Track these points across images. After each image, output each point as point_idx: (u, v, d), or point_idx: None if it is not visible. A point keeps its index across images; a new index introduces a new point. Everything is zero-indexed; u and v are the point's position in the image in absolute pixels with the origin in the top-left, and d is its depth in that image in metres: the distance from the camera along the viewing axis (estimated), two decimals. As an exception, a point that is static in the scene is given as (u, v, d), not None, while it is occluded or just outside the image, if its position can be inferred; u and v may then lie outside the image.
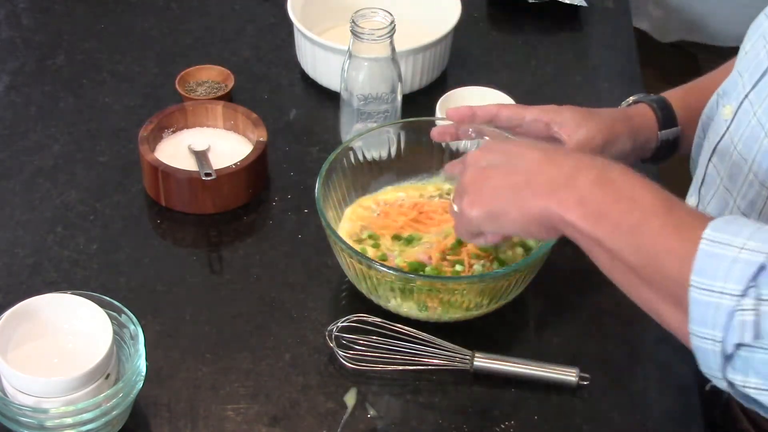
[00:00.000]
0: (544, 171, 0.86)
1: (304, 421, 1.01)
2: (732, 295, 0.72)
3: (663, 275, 0.77)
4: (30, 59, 1.47)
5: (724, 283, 0.72)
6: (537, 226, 0.86)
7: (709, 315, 0.73)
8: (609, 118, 1.13)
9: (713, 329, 0.73)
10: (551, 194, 0.84)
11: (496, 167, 0.90)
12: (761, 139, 0.94)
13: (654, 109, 1.15)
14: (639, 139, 1.14)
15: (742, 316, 0.72)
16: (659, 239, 0.78)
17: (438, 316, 1.07)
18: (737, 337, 0.72)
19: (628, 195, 0.81)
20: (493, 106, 1.15)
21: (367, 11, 1.21)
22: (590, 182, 0.82)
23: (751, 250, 0.73)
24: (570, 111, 1.14)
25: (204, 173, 1.19)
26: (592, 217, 0.81)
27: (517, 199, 0.87)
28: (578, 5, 1.58)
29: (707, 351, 0.74)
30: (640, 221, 0.79)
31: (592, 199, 0.82)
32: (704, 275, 0.73)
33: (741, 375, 0.74)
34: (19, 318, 0.95)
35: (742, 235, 0.74)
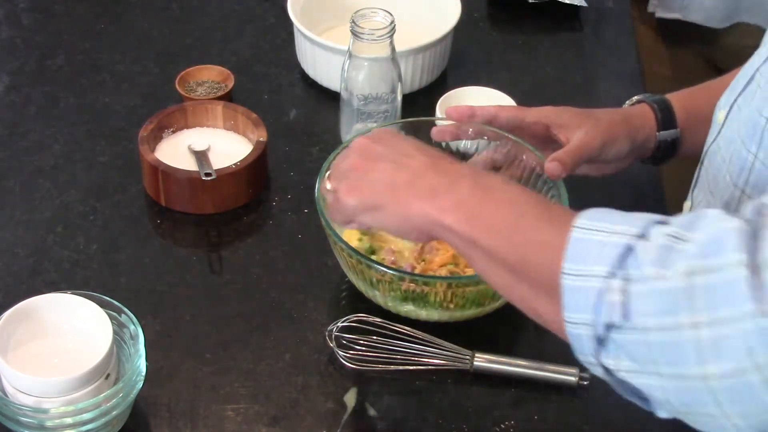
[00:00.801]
0: (428, 176, 0.86)
1: (304, 421, 1.01)
2: (600, 277, 0.72)
3: (537, 268, 0.78)
4: (30, 59, 1.47)
5: (593, 267, 0.73)
6: (411, 228, 0.87)
7: (580, 299, 0.73)
8: (607, 120, 1.13)
9: (584, 313, 0.73)
10: (431, 199, 0.85)
11: (382, 161, 0.90)
12: (736, 141, 0.94)
13: (654, 109, 1.16)
14: (638, 139, 1.14)
15: (609, 296, 0.72)
16: (533, 233, 0.79)
17: (438, 316, 1.07)
18: (606, 317, 0.72)
19: (505, 198, 0.83)
20: (492, 107, 1.15)
21: (367, 11, 1.21)
22: (469, 188, 0.84)
23: (620, 233, 0.73)
24: (569, 113, 1.14)
25: (204, 173, 1.19)
26: (469, 219, 0.82)
27: (396, 197, 0.87)
28: (578, 5, 1.58)
29: (581, 336, 0.75)
30: (515, 218, 0.81)
31: (469, 202, 0.83)
32: (575, 261, 0.74)
33: (613, 359, 0.74)
34: (19, 318, 0.95)
35: (610, 221, 0.75)
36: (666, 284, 0.70)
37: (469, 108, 1.14)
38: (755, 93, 0.94)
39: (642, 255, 0.72)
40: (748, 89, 0.96)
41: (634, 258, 0.72)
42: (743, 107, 0.96)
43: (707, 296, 0.69)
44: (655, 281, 0.71)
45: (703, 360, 0.69)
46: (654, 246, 0.72)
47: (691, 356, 0.70)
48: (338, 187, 0.92)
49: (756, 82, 0.95)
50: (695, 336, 0.69)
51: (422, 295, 1.04)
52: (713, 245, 0.70)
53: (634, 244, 0.73)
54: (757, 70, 0.95)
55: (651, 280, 0.71)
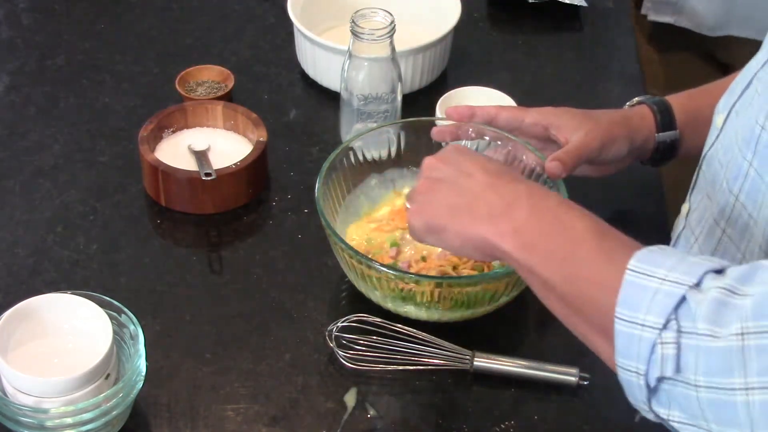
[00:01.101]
0: (486, 197, 0.87)
1: (304, 421, 1.01)
2: (653, 328, 0.72)
3: (591, 305, 0.77)
4: (30, 59, 1.47)
5: (645, 315, 0.72)
6: (473, 250, 0.88)
7: (632, 347, 0.73)
8: (606, 122, 1.13)
9: (637, 362, 0.73)
10: (488, 223, 0.85)
11: (444, 182, 0.91)
12: (734, 148, 0.94)
13: (653, 111, 1.15)
14: (637, 140, 1.14)
15: (662, 349, 0.71)
16: (588, 268, 0.78)
17: (438, 316, 1.07)
18: (658, 370, 0.72)
19: (561, 224, 0.82)
20: (492, 107, 1.15)
21: (367, 11, 1.21)
22: (526, 212, 0.84)
23: (673, 282, 0.72)
24: (568, 114, 1.14)
25: (204, 173, 1.19)
26: (526, 246, 0.82)
27: (456, 220, 0.88)
28: (578, 5, 1.58)
29: (632, 383, 0.74)
30: (571, 250, 0.80)
31: (527, 228, 0.83)
32: (627, 307, 0.73)
33: (665, 408, 0.74)
34: (19, 318, 0.95)
35: (665, 266, 0.73)
36: (718, 344, 0.69)
37: (469, 108, 1.14)
38: (753, 99, 0.94)
39: (695, 308, 0.71)
40: (745, 94, 0.96)
41: (688, 310, 0.71)
42: (741, 112, 0.96)
43: (759, 359, 0.68)
44: (708, 340, 0.70)
45: (753, 424, 0.69)
46: (708, 299, 0.71)
47: (742, 419, 0.69)
48: (409, 208, 0.94)
49: (754, 88, 0.95)
50: (746, 400, 0.69)
51: (411, 294, 1.04)
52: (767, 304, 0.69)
53: (688, 296, 0.72)
54: (755, 75, 0.95)
55: (704, 337, 0.70)
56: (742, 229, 0.94)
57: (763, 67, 0.94)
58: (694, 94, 1.19)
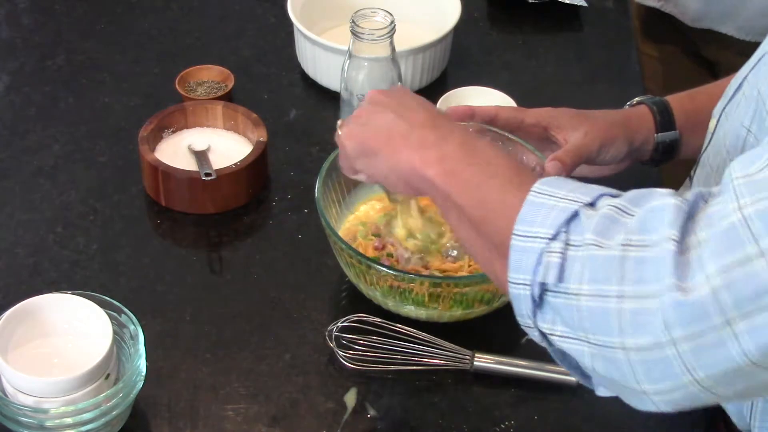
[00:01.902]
0: (423, 129, 0.88)
1: (304, 421, 1.01)
2: (543, 238, 0.74)
3: (495, 227, 0.79)
4: (30, 59, 1.47)
5: (539, 228, 0.74)
6: (398, 177, 0.89)
7: (522, 260, 0.75)
8: (605, 122, 1.13)
9: (525, 273, 0.75)
10: (419, 150, 0.86)
11: (386, 109, 0.92)
12: (722, 151, 0.95)
13: (653, 111, 1.16)
14: (636, 141, 1.15)
15: (548, 257, 0.73)
16: (499, 193, 0.80)
17: (438, 316, 1.07)
18: (542, 277, 0.74)
19: (485, 159, 0.84)
20: (492, 107, 1.16)
21: (367, 11, 1.21)
22: (456, 144, 0.85)
23: (570, 200, 0.75)
24: (567, 114, 1.14)
25: (204, 173, 1.19)
26: (447, 173, 0.84)
27: (389, 145, 0.89)
28: (578, 5, 1.58)
29: (520, 297, 0.76)
30: (488, 177, 0.82)
31: (452, 158, 0.85)
32: (525, 223, 0.75)
33: (549, 323, 0.75)
34: (19, 318, 0.95)
35: (566, 188, 0.76)
36: (602, 252, 0.72)
37: (469, 108, 1.15)
38: (740, 102, 0.94)
39: (586, 222, 0.73)
40: (735, 98, 0.96)
41: (578, 224, 0.74)
42: (730, 116, 0.96)
43: (636, 269, 0.70)
44: (593, 249, 0.72)
45: (623, 331, 0.71)
46: (598, 215, 0.73)
47: (614, 326, 0.71)
48: (344, 129, 0.95)
49: (742, 91, 0.95)
50: (619, 307, 0.71)
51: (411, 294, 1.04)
52: (651, 221, 0.71)
53: (581, 211, 0.74)
54: (744, 79, 0.95)
55: (589, 246, 0.72)
56: None
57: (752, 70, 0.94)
58: (695, 94, 1.19)
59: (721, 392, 0.72)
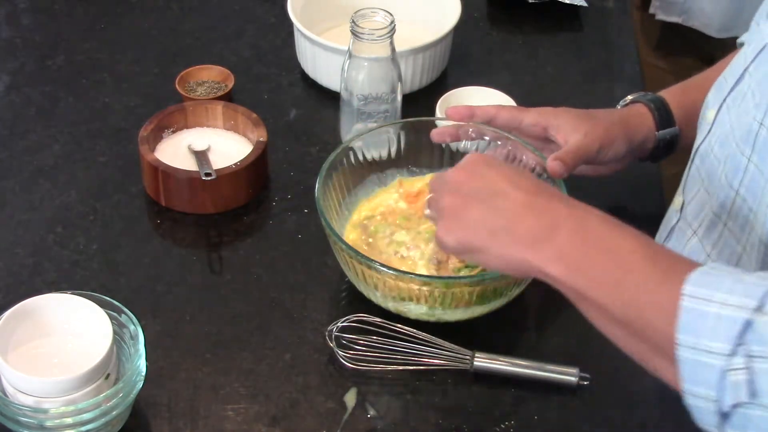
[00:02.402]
0: (525, 220, 0.84)
1: (304, 421, 1.01)
2: (721, 355, 0.71)
3: (650, 329, 0.76)
4: (30, 59, 1.47)
5: (710, 342, 0.71)
6: (515, 271, 0.87)
7: (700, 375, 0.72)
8: (605, 122, 1.13)
9: (706, 389, 0.72)
10: (530, 247, 0.83)
11: (476, 199, 0.88)
12: (731, 142, 0.94)
13: (651, 109, 1.16)
14: (636, 140, 1.15)
15: (734, 375, 0.70)
16: (643, 293, 0.76)
17: (438, 316, 1.07)
18: (733, 397, 0.71)
19: (608, 246, 0.80)
20: (492, 107, 1.15)
21: (367, 11, 1.21)
22: (569, 235, 0.81)
23: (734, 306, 0.71)
24: (567, 114, 1.14)
25: (204, 173, 1.19)
26: (573, 271, 0.80)
27: (495, 242, 0.86)
28: (578, 5, 1.58)
29: (702, 409, 0.73)
30: (623, 275, 0.78)
31: (572, 253, 0.81)
32: (689, 333, 0.72)
33: (739, 429, 0.72)
34: (19, 318, 0.95)
35: (722, 289, 0.72)
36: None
37: (469, 108, 1.14)
38: (745, 94, 0.94)
39: (763, 331, 0.70)
40: (737, 89, 0.96)
41: (755, 333, 0.70)
42: (732, 107, 0.96)
43: None
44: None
45: None
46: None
47: None
48: (438, 224, 0.91)
49: (745, 83, 0.95)
50: None
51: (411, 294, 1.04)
52: None
53: (753, 320, 0.70)
54: (745, 70, 0.95)
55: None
56: (743, 222, 0.94)
57: (753, 61, 0.94)
58: (687, 88, 1.19)
59: None
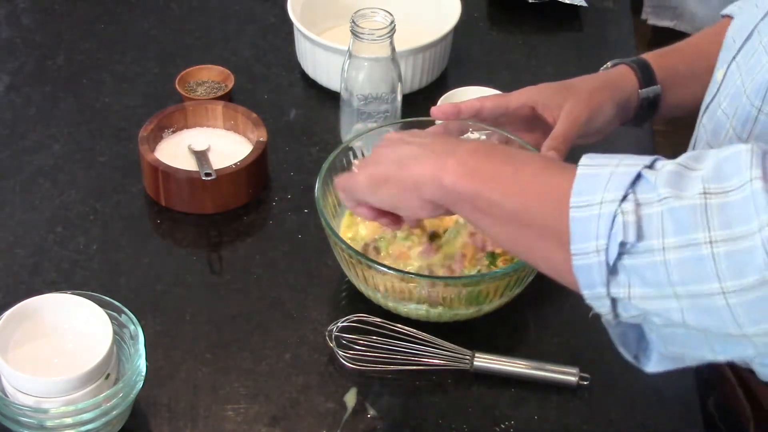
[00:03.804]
0: (433, 146, 0.86)
1: (304, 421, 1.01)
2: (612, 202, 0.72)
3: (542, 212, 0.77)
4: (30, 59, 1.47)
5: (603, 194, 0.73)
6: (416, 198, 0.86)
7: (591, 227, 0.73)
8: (588, 90, 1.13)
9: (596, 239, 0.73)
10: (433, 162, 0.84)
11: (399, 142, 0.90)
12: (741, 96, 0.95)
13: (634, 68, 1.16)
14: (621, 100, 1.15)
15: (623, 217, 0.72)
16: (535, 179, 0.79)
17: (438, 316, 1.07)
18: (620, 236, 0.72)
19: (506, 155, 0.83)
20: (475, 99, 1.14)
21: (367, 11, 1.21)
22: (470, 150, 0.83)
23: (627, 165, 0.74)
24: (549, 90, 1.14)
25: (204, 173, 1.19)
26: (470, 173, 0.82)
27: (400, 167, 0.87)
28: (578, 5, 1.58)
29: (590, 267, 0.74)
30: (516, 168, 0.80)
31: (470, 160, 0.82)
32: (583, 193, 0.74)
33: (624, 287, 0.73)
34: (19, 318, 0.95)
35: (617, 158, 0.75)
36: (683, 203, 0.71)
37: (454, 105, 1.14)
38: (756, 50, 0.95)
39: (653, 180, 0.72)
40: (746, 46, 0.97)
41: (645, 183, 0.73)
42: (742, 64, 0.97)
43: (722, 213, 0.69)
44: (672, 200, 0.71)
45: (721, 276, 0.69)
46: (665, 171, 0.73)
47: (710, 273, 0.70)
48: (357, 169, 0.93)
49: (756, 40, 0.95)
50: (712, 252, 0.69)
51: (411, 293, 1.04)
52: (726, 168, 0.70)
53: (644, 173, 0.73)
54: (755, 28, 0.96)
55: (667, 199, 0.71)
56: None
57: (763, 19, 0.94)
58: (666, 52, 1.20)
59: None
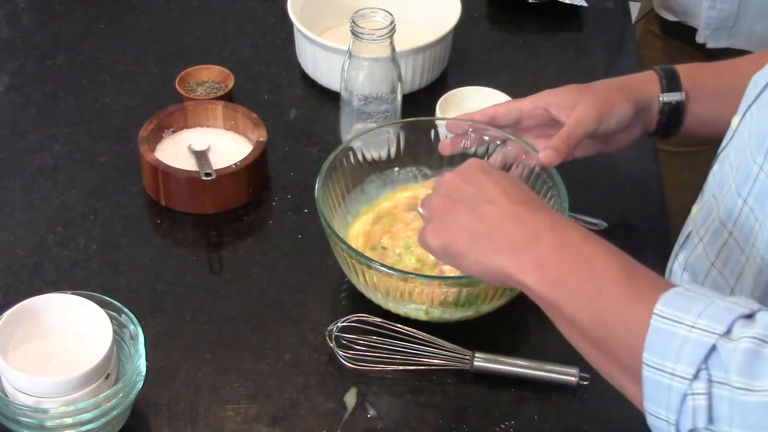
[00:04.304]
0: (508, 228, 0.85)
1: (304, 421, 1.01)
2: (683, 378, 0.71)
3: (619, 348, 0.76)
4: (30, 59, 1.47)
5: (674, 364, 0.71)
6: (493, 279, 0.87)
7: (662, 396, 0.72)
8: (603, 89, 1.12)
9: (667, 411, 0.72)
10: (510, 255, 0.83)
11: (464, 204, 0.89)
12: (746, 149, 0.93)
13: (658, 73, 1.13)
14: (640, 102, 1.12)
15: (694, 400, 0.70)
16: (615, 310, 0.76)
17: (438, 316, 1.07)
18: (690, 422, 0.71)
19: (587, 261, 0.80)
20: (488, 108, 1.15)
21: (367, 11, 1.21)
22: (550, 246, 0.82)
23: (702, 330, 0.71)
24: (564, 90, 1.13)
25: (204, 173, 1.19)
26: (550, 283, 0.80)
27: (476, 247, 0.86)
28: (578, 5, 1.58)
29: (661, 428, 0.73)
30: (598, 290, 0.78)
31: (551, 264, 0.81)
32: (655, 354, 0.72)
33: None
34: (19, 318, 0.95)
35: (693, 312, 0.72)
36: (754, 398, 0.69)
37: (467, 117, 1.14)
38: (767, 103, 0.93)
39: (727, 358, 0.70)
40: (761, 97, 0.95)
41: (719, 359, 0.70)
42: (755, 115, 0.95)
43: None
44: (743, 393, 0.69)
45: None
46: (740, 349, 0.70)
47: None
48: (425, 225, 0.93)
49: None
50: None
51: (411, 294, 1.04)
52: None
53: (719, 345, 0.70)
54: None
55: (738, 391, 0.69)
56: (747, 233, 0.93)
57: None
58: (700, 65, 1.17)
59: None
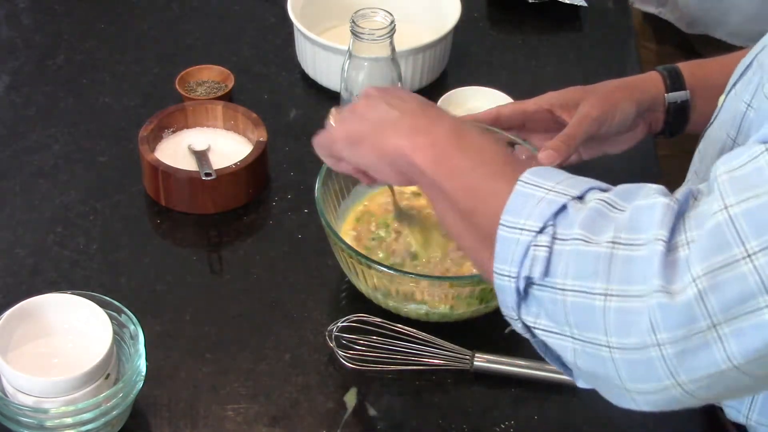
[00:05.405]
0: (414, 116, 0.88)
1: (304, 421, 1.01)
2: (530, 231, 0.73)
3: (483, 216, 0.78)
4: (30, 59, 1.47)
5: (526, 220, 0.74)
6: (387, 165, 0.88)
7: (509, 251, 0.74)
8: (605, 89, 1.12)
9: (510, 265, 0.74)
10: (408, 136, 0.85)
11: (380, 101, 0.91)
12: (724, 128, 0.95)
13: (662, 73, 1.14)
14: (644, 102, 1.13)
15: (535, 251, 0.73)
16: (488, 182, 0.80)
17: (438, 316, 1.07)
18: (528, 270, 0.73)
19: (476, 146, 0.83)
20: (492, 109, 1.15)
21: (367, 11, 1.21)
22: (446, 131, 0.84)
23: (558, 192, 0.74)
24: (568, 91, 1.14)
25: (204, 173, 1.19)
26: (436, 160, 0.83)
27: (378, 131, 0.88)
28: (578, 5, 1.58)
29: (504, 288, 0.75)
30: (476, 165, 0.81)
31: (442, 144, 0.84)
32: (512, 213, 0.75)
33: (533, 316, 0.75)
34: (19, 318, 0.95)
35: (555, 179, 0.76)
36: (589, 248, 0.71)
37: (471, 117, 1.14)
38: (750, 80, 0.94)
39: (574, 215, 0.73)
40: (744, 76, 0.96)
41: (566, 217, 0.73)
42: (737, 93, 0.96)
43: (624, 268, 0.70)
44: (580, 243, 0.72)
45: (609, 330, 0.70)
46: (587, 208, 0.73)
47: (599, 324, 0.71)
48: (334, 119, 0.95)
49: (752, 70, 0.95)
50: (605, 305, 0.70)
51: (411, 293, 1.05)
52: (640, 219, 0.71)
53: (569, 204, 0.73)
54: (755, 57, 0.95)
55: (577, 241, 0.72)
56: None
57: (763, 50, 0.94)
58: (703, 62, 1.18)
59: (702, 395, 0.72)
